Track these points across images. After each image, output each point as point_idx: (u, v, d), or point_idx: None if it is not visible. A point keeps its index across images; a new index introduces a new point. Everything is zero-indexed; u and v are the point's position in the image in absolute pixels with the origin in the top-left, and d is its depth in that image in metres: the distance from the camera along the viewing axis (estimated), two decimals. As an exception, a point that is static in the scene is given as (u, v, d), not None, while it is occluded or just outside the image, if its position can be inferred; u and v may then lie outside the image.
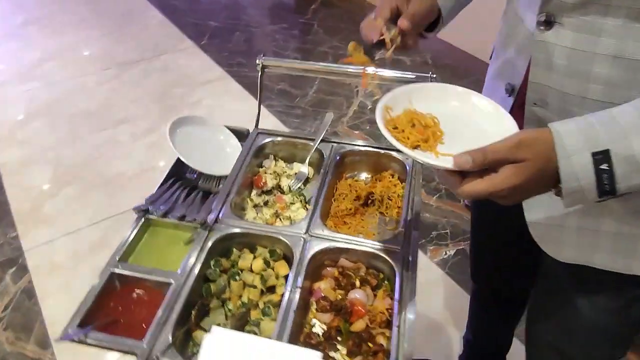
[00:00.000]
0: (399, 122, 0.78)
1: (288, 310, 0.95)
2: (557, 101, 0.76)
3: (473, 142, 0.71)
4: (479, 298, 1.55)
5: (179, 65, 3.59)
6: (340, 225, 1.20)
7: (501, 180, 0.62)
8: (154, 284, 1.00)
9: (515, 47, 0.83)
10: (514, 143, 0.62)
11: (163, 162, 2.72)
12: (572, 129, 0.62)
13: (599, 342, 0.98)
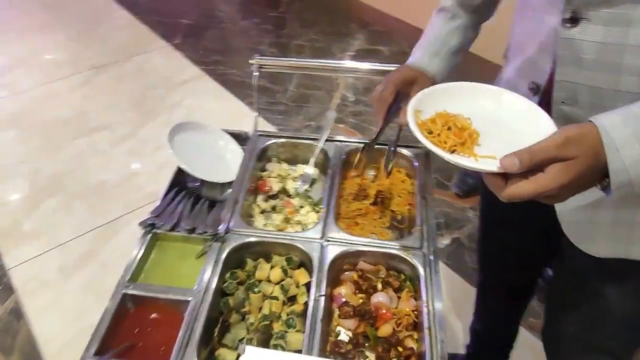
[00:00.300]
0: (433, 126, 0.75)
1: (314, 321, 0.92)
2: (587, 97, 0.75)
3: (510, 142, 0.69)
4: (486, 289, 1.55)
5: (153, 67, 3.48)
6: (352, 226, 1.18)
7: (549, 180, 0.60)
8: (170, 303, 0.95)
9: (537, 46, 0.81)
10: (561, 141, 0.60)
11: (146, 168, 2.64)
12: (616, 121, 0.61)
13: (627, 330, 0.98)
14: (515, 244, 1.25)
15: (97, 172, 2.61)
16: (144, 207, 2.41)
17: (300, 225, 1.15)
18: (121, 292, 0.96)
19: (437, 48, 1.03)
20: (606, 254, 0.85)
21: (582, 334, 1.03)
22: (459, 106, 0.78)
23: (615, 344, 1.02)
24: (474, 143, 0.73)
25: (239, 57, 3.58)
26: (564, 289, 1.06)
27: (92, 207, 2.41)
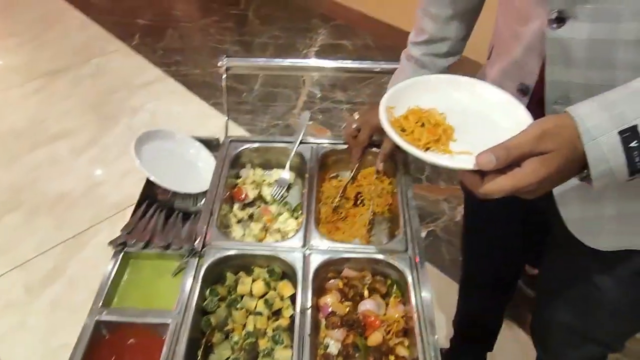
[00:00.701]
0: (406, 124, 0.73)
1: (302, 335, 0.88)
2: (581, 95, 0.73)
3: (486, 135, 0.68)
4: (470, 284, 1.54)
5: (111, 69, 3.35)
6: (333, 231, 1.14)
7: (527, 175, 0.59)
8: (148, 327, 0.90)
9: (523, 47, 0.79)
10: (537, 134, 0.59)
11: (110, 176, 2.53)
12: (592, 109, 0.59)
13: (619, 320, 0.98)
14: (501, 239, 1.24)
15: (58, 183, 2.49)
16: (110, 217, 2.32)
17: (280, 233, 1.11)
18: (94, 319, 0.90)
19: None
20: (611, 246, 0.85)
21: (575, 324, 1.03)
22: (432, 100, 0.77)
23: (607, 333, 1.03)
24: (449, 139, 0.71)
25: (200, 56, 3.49)
26: (556, 280, 1.05)
27: (55, 220, 2.30)
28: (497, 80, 0.89)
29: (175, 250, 1.01)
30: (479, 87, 0.79)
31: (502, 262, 1.32)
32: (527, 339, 1.81)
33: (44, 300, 1.98)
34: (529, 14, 0.76)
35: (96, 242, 2.21)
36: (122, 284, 0.99)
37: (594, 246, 0.86)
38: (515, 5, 0.80)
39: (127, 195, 2.43)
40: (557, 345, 1.13)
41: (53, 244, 2.19)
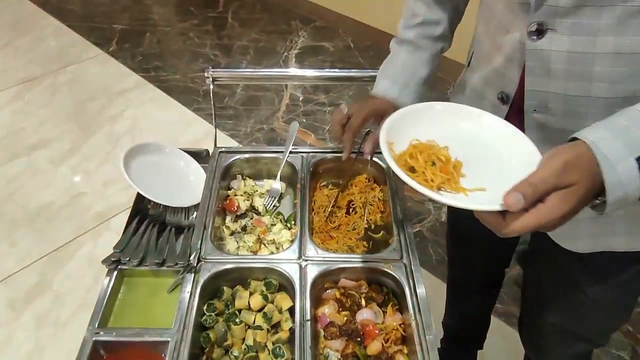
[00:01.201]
0: (414, 163, 0.68)
1: (303, 348, 0.88)
2: (559, 105, 0.75)
3: (493, 169, 0.66)
4: (457, 284, 1.57)
5: (89, 76, 3.30)
6: (327, 240, 1.15)
7: (551, 211, 0.58)
8: (147, 346, 0.89)
9: (504, 57, 0.81)
10: (560, 167, 0.58)
11: (92, 186, 2.49)
12: (605, 135, 0.59)
13: (604, 318, 1.02)
14: (485, 239, 1.26)
15: (39, 194, 2.44)
16: (94, 228, 2.29)
17: (275, 244, 1.11)
18: (91, 340, 0.89)
19: (407, 79, 1.02)
20: (589, 248, 0.87)
21: (561, 323, 1.06)
22: (432, 131, 0.73)
23: (593, 331, 1.06)
24: (459, 175, 0.68)
25: (180, 61, 3.45)
26: (540, 281, 1.08)
27: (37, 233, 2.26)
28: (478, 88, 0.91)
29: (170, 266, 1.00)
30: (483, 118, 0.76)
31: (487, 262, 1.34)
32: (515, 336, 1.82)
33: (28, 316, 1.94)
34: (510, 25, 0.77)
35: (81, 254, 2.18)
36: (118, 303, 0.98)
37: (572, 249, 0.89)
38: (496, 16, 0.81)
39: (111, 205, 2.39)
40: (545, 344, 1.15)
41: (36, 258, 2.15)
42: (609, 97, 0.71)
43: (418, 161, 0.68)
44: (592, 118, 0.73)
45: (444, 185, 0.66)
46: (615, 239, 0.84)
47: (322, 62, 3.45)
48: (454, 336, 1.67)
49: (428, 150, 0.70)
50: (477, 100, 0.92)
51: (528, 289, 1.16)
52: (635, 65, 0.68)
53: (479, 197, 0.65)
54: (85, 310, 1.96)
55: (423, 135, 0.73)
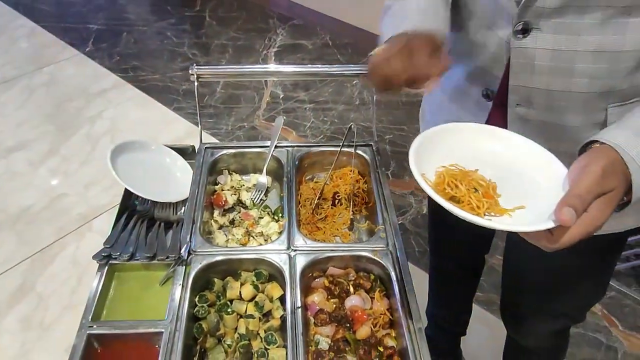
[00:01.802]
0: (458, 192, 0.69)
1: (295, 334, 0.91)
2: (542, 99, 0.79)
3: (525, 186, 0.68)
4: (439, 273, 1.61)
5: (66, 77, 3.26)
6: (314, 231, 1.17)
7: (596, 218, 0.60)
8: (141, 337, 0.90)
9: (488, 55, 0.84)
10: (600, 175, 0.59)
11: (73, 187, 2.47)
12: (628, 138, 0.62)
13: (581, 295, 1.08)
14: (464, 228, 1.31)
15: (19, 197, 2.42)
16: (77, 230, 2.27)
17: (263, 237, 1.14)
18: (85, 333, 0.90)
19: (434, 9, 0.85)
20: None
21: (542, 302, 1.11)
22: (454, 153, 0.74)
23: (572, 307, 1.12)
24: (497, 197, 0.70)
25: (158, 60, 3.44)
26: (522, 265, 1.13)
27: (18, 236, 2.24)
28: (462, 85, 0.93)
29: (161, 259, 1.01)
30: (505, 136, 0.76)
31: (466, 249, 1.39)
32: (496, 322, 1.89)
33: (12, 320, 1.93)
34: (493, 24, 0.81)
35: (64, 255, 2.17)
36: (110, 297, 0.99)
37: None
38: (478, 15, 0.84)
39: (93, 206, 2.38)
40: (527, 323, 1.20)
41: (18, 261, 2.13)
42: (589, 92, 0.76)
43: (460, 190, 0.69)
44: (571, 111, 0.79)
45: (488, 210, 0.68)
46: None
47: (301, 60, 3.47)
48: (437, 324, 1.71)
49: (466, 177, 0.71)
50: (458, 97, 0.95)
51: (508, 272, 1.21)
52: (615, 63, 0.72)
53: (522, 215, 0.66)
54: (70, 311, 1.95)
55: (447, 158, 0.73)
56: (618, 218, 0.88)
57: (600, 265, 1.01)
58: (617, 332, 1.95)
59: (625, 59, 0.71)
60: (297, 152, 1.28)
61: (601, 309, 2.01)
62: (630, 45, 0.69)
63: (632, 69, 0.72)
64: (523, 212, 0.67)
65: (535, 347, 1.26)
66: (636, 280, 2.11)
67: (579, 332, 1.93)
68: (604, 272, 1.05)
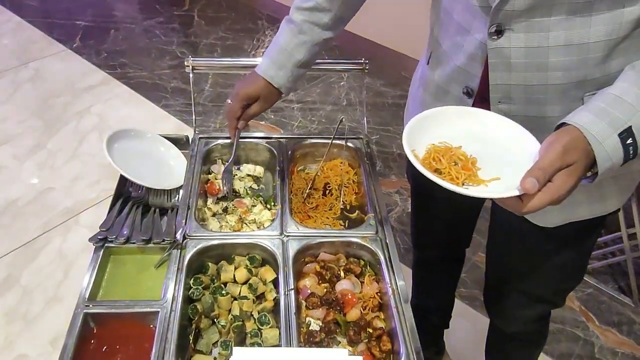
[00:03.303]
0: (440, 165, 0.78)
1: (288, 315, 0.94)
2: (521, 94, 0.84)
3: (504, 161, 0.77)
4: (422, 264, 1.65)
5: (53, 72, 3.24)
6: (305, 219, 1.21)
7: (559, 187, 0.68)
8: (137, 317, 0.92)
9: (466, 56, 0.89)
10: (561, 150, 0.68)
11: (60, 182, 2.46)
12: (591, 119, 0.70)
13: (562, 279, 1.13)
14: (446, 219, 1.35)
15: (4, 190, 2.40)
16: (63, 224, 2.27)
17: (256, 224, 1.16)
18: (81, 312, 0.92)
19: (283, 61, 1.08)
20: (558, 221, 0.96)
21: (524, 288, 1.16)
22: (444, 133, 0.82)
23: (553, 292, 1.17)
24: (477, 169, 0.78)
25: (147, 58, 3.44)
26: (505, 252, 1.17)
27: (3, 229, 2.22)
28: (442, 84, 0.98)
29: (156, 243, 1.03)
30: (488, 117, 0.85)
31: (448, 239, 1.43)
32: (478, 317, 1.95)
33: None
34: (469, 27, 0.86)
35: (49, 249, 2.15)
36: (105, 279, 1.01)
37: (543, 224, 0.98)
38: (454, 19, 0.89)
39: (79, 200, 2.37)
40: (510, 309, 1.25)
41: (3, 253, 2.11)
42: (564, 84, 0.81)
43: (442, 163, 0.77)
44: (550, 103, 0.84)
45: (467, 180, 0.76)
46: (580, 209, 0.94)
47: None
48: (421, 316, 1.75)
49: (448, 152, 0.79)
50: (441, 96, 0.99)
51: (491, 259, 1.25)
52: (584, 54, 0.77)
53: (496, 185, 0.75)
54: (55, 304, 1.95)
55: (436, 138, 0.82)
56: (600, 201, 0.94)
57: (577, 249, 1.06)
58: (594, 327, 2.01)
59: (593, 49, 0.76)
60: (290, 143, 1.31)
61: (579, 305, 2.07)
62: (595, 37, 0.75)
63: (602, 59, 0.77)
64: (498, 183, 0.75)
65: (518, 333, 1.31)
66: (612, 278, 2.18)
67: (558, 327, 1.99)
68: (581, 255, 1.10)
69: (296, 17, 1.07)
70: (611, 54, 0.76)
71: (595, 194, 0.93)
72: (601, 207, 0.95)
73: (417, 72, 1.16)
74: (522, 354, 1.43)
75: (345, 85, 3.25)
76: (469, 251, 1.55)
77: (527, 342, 1.36)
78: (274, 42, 1.10)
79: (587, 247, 1.08)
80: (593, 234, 1.04)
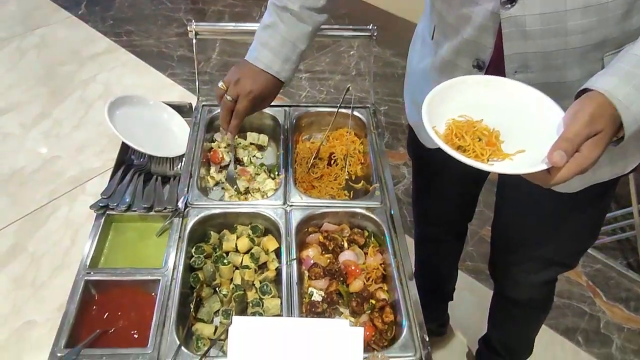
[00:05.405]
0: (463, 143, 0.75)
1: (290, 285, 0.93)
2: (539, 62, 0.81)
3: (527, 131, 0.74)
4: (424, 240, 1.63)
5: (58, 40, 3.20)
6: (309, 189, 1.19)
7: (587, 157, 0.66)
8: (138, 284, 0.92)
9: (476, 27, 0.84)
10: (587, 119, 0.66)
11: (66, 150, 2.45)
12: (616, 83, 0.67)
13: (580, 239, 1.11)
14: (450, 197, 1.32)
15: (11, 159, 2.40)
16: (69, 192, 2.27)
17: (259, 192, 1.14)
18: (82, 279, 0.91)
19: (288, 53, 1.00)
20: (578, 186, 0.94)
21: (538, 254, 1.14)
22: (464, 105, 0.79)
23: (566, 255, 1.15)
24: (500, 143, 0.75)
25: (153, 26, 3.38)
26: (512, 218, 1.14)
27: (10, 197, 2.22)
28: (450, 58, 0.93)
29: (158, 211, 1.02)
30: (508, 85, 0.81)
31: (451, 216, 1.40)
32: (483, 289, 1.94)
33: (4, 279, 1.93)
34: None
35: (56, 217, 2.16)
36: (107, 246, 1.00)
37: (564, 191, 0.95)
38: None
39: (85, 169, 2.37)
40: (519, 275, 1.23)
41: (10, 221, 2.12)
42: (583, 46, 0.77)
43: (466, 140, 0.75)
44: (569, 67, 0.81)
45: (492, 156, 0.74)
46: (601, 171, 0.91)
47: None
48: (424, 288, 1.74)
49: (471, 127, 0.76)
50: (449, 70, 0.94)
51: (500, 227, 1.22)
52: (604, 14, 0.73)
53: (522, 158, 0.73)
54: (63, 271, 1.96)
55: (456, 111, 0.79)
56: (621, 161, 0.91)
57: (595, 210, 1.04)
58: (601, 303, 1.99)
59: (612, 8, 0.72)
60: (295, 111, 1.28)
61: (586, 280, 2.05)
62: None
63: (621, 17, 0.74)
64: (523, 155, 0.73)
65: (524, 300, 1.30)
66: (622, 254, 2.15)
67: (564, 302, 1.97)
68: (599, 214, 1.08)
69: (291, 5, 0.99)
70: (631, 10, 0.73)
71: (617, 155, 0.90)
72: (622, 166, 0.93)
73: (414, 45, 1.11)
74: (529, 320, 1.42)
75: (355, 54, 3.19)
76: (476, 225, 1.53)
77: (534, 307, 1.35)
78: (271, 33, 1.00)
79: (605, 206, 1.06)
80: (610, 191, 1.02)
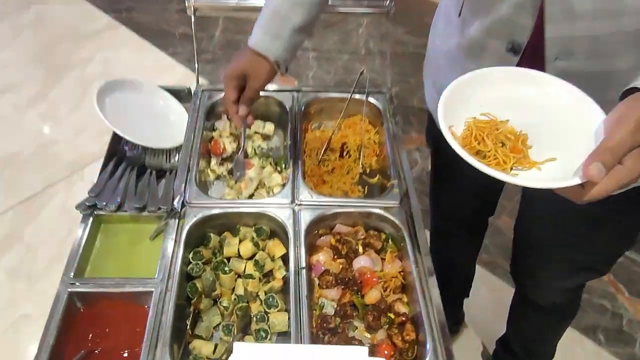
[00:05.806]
0: (484, 147, 0.64)
1: (299, 297, 0.82)
2: (586, 47, 0.70)
3: (559, 135, 0.63)
4: (441, 233, 1.53)
5: (55, 17, 3.07)
6: (320, 184, 1.08)
7: (630, 171, 0.55)
8: (129, 297, 0.82)
9: (512, 4, 0.73)
10: (632, 128, 0.54)
11: (63, 133, 2.35)
12: None
13: (616, 244, 1.01)
14: (472, 190, 1.22)
15: (5, 142, 2.30)
16: (67, 178, 2.17)
17: (265, 188, 1.04)
18: (66, 291, 0.81)
19: (278, 28, 0.89)
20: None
21: (569, 258, 1.03)
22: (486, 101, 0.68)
23: (602, 260, 1.05)
24: (527, 149, 0.64)
25: (154, 2, 3.24)
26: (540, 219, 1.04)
27: (5, 183, 2.13)
28: (479, 39, 0.82)
29: (152, 211, 0.92)
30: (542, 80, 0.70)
31: (471, 211, 1.30)
32: (500, 284, 1.85)
33: (0, 269, 1.85)
34: None
35: (53, 205, 2.07)
36: (94, 252, 0.90)
37: None
38: None
39: (84, 153, 2.27)
40: (547, 280, 1.13)
41: (4, 209, 2.04)
42: (638, 29, 0.67)
43: (487, 145, 0.63)
44: (619, 54, 0.71)
45: (516, 164, 0.63)
46: None
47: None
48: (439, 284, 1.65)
49: (494, 129, 0.65)
50: (477, 53, 0.84)
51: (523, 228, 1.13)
52: None
53: (551, 169, 0.62)
54: (59, 262, 1.84)
55: (478, 107, 0.67)
56: None
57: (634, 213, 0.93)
58: (623, 299, 1.89)
59: None
60: (304, 97, 1.16)
61: (608, 275, 1.95)
62: None
63: None
64: (554, 164, 0.63)
65: (549, 304, 1.21)
66: (646, 246, 2.04)
67: (584, 297, 1.85)
68: (634, 220, 0.97)
69: None
70: None
71: None
72: None
73: (436, 23, 0.99)
74: (552, 325, 1.33)
75: (364, 32, 3.04)
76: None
77: (559, 312, 1.26)
78: (265, 8, 0.92)
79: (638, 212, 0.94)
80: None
